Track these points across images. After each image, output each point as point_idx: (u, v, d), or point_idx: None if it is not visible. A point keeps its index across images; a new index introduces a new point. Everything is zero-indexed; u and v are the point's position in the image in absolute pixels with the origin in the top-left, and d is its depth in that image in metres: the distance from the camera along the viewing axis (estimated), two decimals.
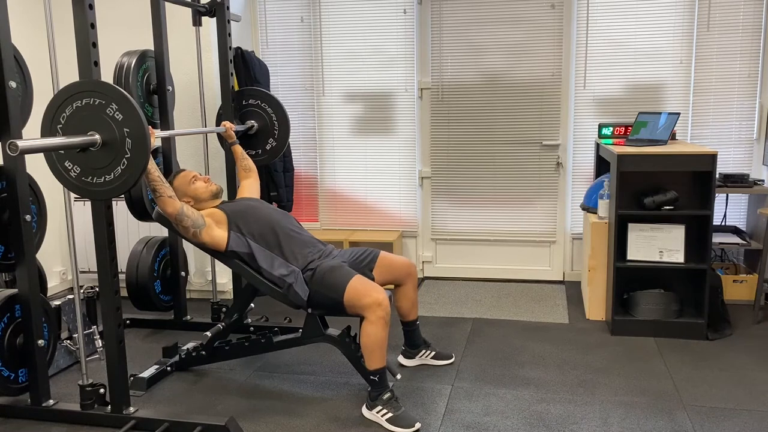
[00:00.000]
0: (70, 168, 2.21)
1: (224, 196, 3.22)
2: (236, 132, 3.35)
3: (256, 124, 3.54)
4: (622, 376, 2.98)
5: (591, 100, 4.29)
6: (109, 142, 2.14)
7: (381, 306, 2.52)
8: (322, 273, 2.69)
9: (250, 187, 3.23)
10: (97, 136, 2.14)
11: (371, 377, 2.60)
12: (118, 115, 2.11)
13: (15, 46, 2.48)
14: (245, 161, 3.32)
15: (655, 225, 3.45)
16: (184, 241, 3.34)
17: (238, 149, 3.33)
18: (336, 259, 2.82)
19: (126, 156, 2.13)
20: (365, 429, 2.55)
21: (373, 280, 2.81)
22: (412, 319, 3.06)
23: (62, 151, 2.19)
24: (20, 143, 1.91)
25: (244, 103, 3.55)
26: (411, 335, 3.10)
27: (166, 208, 2.61)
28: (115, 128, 2.12)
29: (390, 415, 2.53)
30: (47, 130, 2.21)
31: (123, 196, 3.43)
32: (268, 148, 3.57)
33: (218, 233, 2.73)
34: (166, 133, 3.06)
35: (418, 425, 2.50)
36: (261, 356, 3.25)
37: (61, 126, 2.19)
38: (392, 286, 3.00)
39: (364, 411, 2.64)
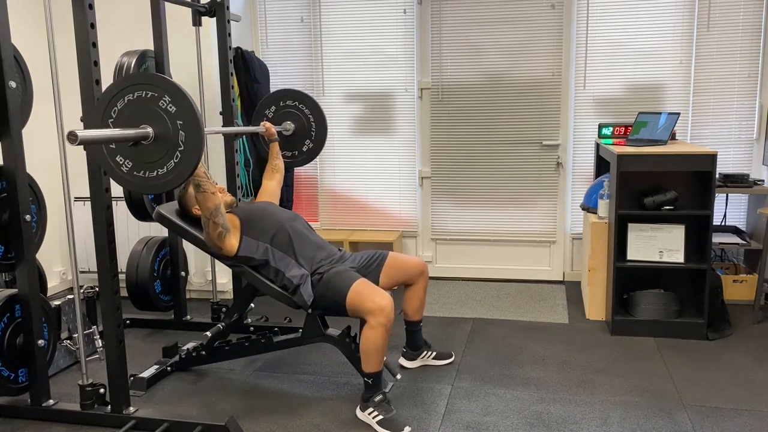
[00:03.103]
0: (121, 163, 2.15)
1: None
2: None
3: (293, 125, 3.48)
4: (622, 376, 2.98)
5: (591, 100, 4.29)
6: (162, 135, 2.08)
7: (383, 312, 2.51)
8: (329, 277, 2.69)
9: (271, 191, 3.19)
10: (150, 129, 2.08)
11: (366, 379, 2.60)
12: (171, 107, 2.06)
13: (15, 46, 2.48)
14: (277, 161, 3.27)
15: (655, 225, 3.45)
16: (184, 241, 3.34)
17: (276, 147, 3.28)
18: (345, 263, 2.82)
19: (179, 149, 2.07)
20: (365, 429, 2.55)
21: (377, 284, 2.81)
22: (417, 320, 3.06)
23: (113, 146, 2.15)
24: (80, 133, 1.87)
25: (281, 104, 3.47)
26: (413, 336, 3.10)
27: (207, 202, 2.56)
28: (168, 121, 2.07)
29: (380, 417, 2.53)
30: (98, 124, 2.16)
31: (123, 196, 3.44)
32: (304, 149, 3.50)
33: (234, 240, 2.73)
34: (213, 130, 2.99)
35: (407, 429, 2.50)
36: (261, 356, 3.25)
37: (112, 120, 2.13)
38: (395, 287, 3.00)
39: (357, 411, 2.65)
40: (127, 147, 2.12)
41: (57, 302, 3.08)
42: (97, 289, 3.22)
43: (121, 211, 3.85)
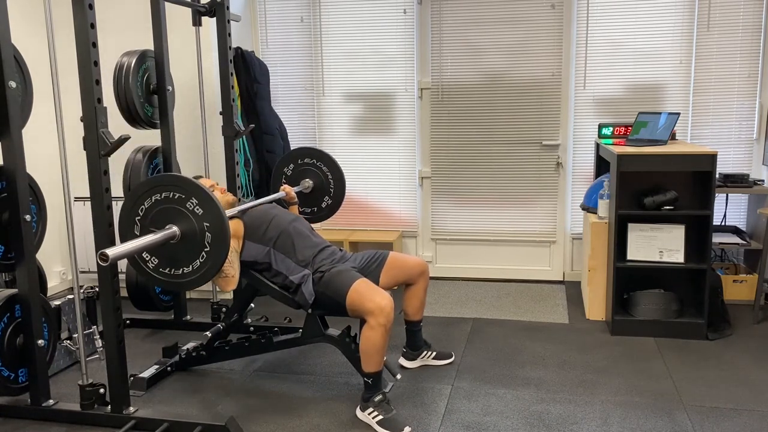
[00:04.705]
0: (148, 259, 2.22)
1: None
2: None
3: (311, 183, 3.52)
4: (622, 376, 2.98)
5: (591, 100, 4.29)
6: (189, 235, 2.15)
7: (383, 312, 2.50)
8: (330, 277, 2.69)
9: None
10: (176, 229, 2.14)
11: (365, 379, 2.60)
12: (198, 209, 2.12)
13: (15, 46, 2.48)
14: None
15: (655, 225, 3.45)
16: None
17: (295, 210, 3.30)
18: (347, 263, 2.82)
19: (205, 249, 2.13)
20: (365, 429, 2.55)
21: (377, 284, 2.81)
22: (417, 320, 3.06)
23: None
24: (110, 252, 1.94)
25: (299, 162, 3.52)
26: (413, 336, 3.10)
27: (227, 287, 2.66)
28: (195, 222, 2.13)
29: (380, 417, 2.53)
30: (126, 222, 2.22)
31: (123, 196, 3.44)
32: (323, 205, 3.56)
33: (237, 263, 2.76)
34: (237, 209, 2.85)
35: (407, 429, 2.50)
36: (261, 356, 3.25)
37: (139, 218, 2.20)
38: (396, 287, 3.00)
39: (357, 412, 2.65)
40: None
41: (57, 302, 3.08)
42: (97, 289, 3.22)
43: None
